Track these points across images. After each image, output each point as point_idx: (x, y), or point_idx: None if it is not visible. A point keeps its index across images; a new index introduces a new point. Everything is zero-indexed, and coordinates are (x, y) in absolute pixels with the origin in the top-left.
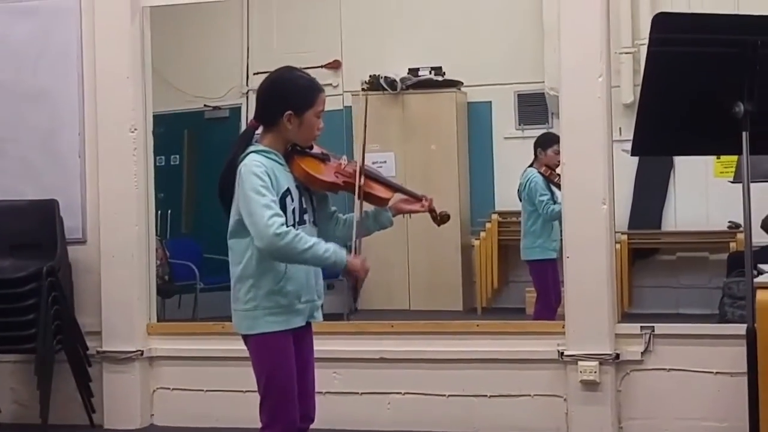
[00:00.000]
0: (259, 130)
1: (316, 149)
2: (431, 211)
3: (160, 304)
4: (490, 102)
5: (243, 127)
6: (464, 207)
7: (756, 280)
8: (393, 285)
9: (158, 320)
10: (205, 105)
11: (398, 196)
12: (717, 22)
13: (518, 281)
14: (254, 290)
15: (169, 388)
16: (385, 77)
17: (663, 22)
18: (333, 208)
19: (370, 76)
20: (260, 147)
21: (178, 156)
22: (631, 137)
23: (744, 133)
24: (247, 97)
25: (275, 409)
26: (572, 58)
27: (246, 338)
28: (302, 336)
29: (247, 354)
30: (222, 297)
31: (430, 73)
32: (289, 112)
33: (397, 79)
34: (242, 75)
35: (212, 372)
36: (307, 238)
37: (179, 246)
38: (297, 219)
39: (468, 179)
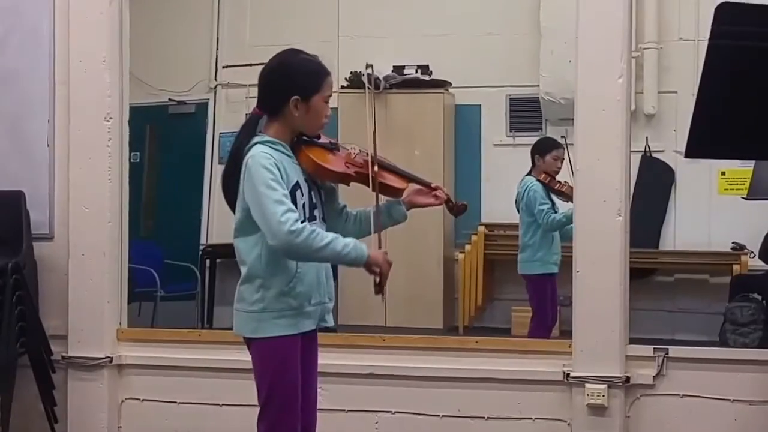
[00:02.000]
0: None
1: (324, 139)
2: (447, 201)
3: None
4: (480, 105)
5: (209, 123)
6: (448, 218)
7: None
8: (369, 300)
9: None
10: (169, 99)
11: (412, 186)
12: None
13: (504, 299)
14: (263, 291)
15: (138, 399)
16: (368, 74)
17: (728, 13)
18: (342, 203)
19: (351, 72)
20: (266, 137)
21: (138, 153)
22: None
23: None
24: (215, 92)
25: (276, 421)
26: (590, 57)
27: (249, 342)
28: (309, 342)
29: (225, 365)
30: (184, 307)
31: (417, 71)
32: (296, 97)
33: (381, 77)
34: (210, 68)
35: (186, 383)
36: (324, 234)
37: (138, 250)
38: (307, 215)
39: (453, 188)
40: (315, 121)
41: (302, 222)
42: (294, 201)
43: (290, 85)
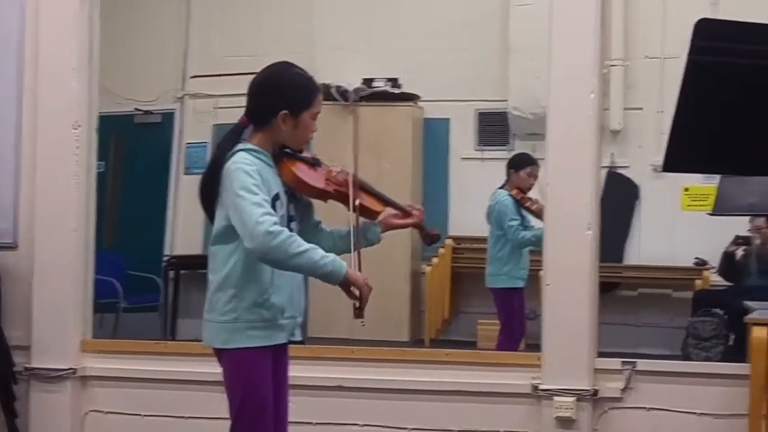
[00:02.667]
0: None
1: (306, 154)
2: (421, 228)
3: None
4: (449, 119)
5: (176, 134)
6: (415, 231)
7: (748, 316)
8: (335, 312)
9: None
10: (136, 108)
11: (389, 210)
12: (764, 32)
13: (470, 312)
14: (236, 301)
15: (102, 411)
16: (337, 87)
17: (707, 29)
18: (318, 219)
19: (321, 84)
20: (249, 146)
21: (103, 162)
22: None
23: None
24: (182, 102)
25: None
26: (562, 72)
27: (220, 353)
28: (280, 355)
29: (191, 378)
30: (147, 318)
31: (386, 84)
32: (285, 111)
33: (350, 90)
34: (178, 78)
35: (151, 395)
36: (302, 242)
37: (101, 260)
38: (285, 227)
39: (422, 201)
40: (301, 136)
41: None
42: (273, 211)
43: (281, 98)
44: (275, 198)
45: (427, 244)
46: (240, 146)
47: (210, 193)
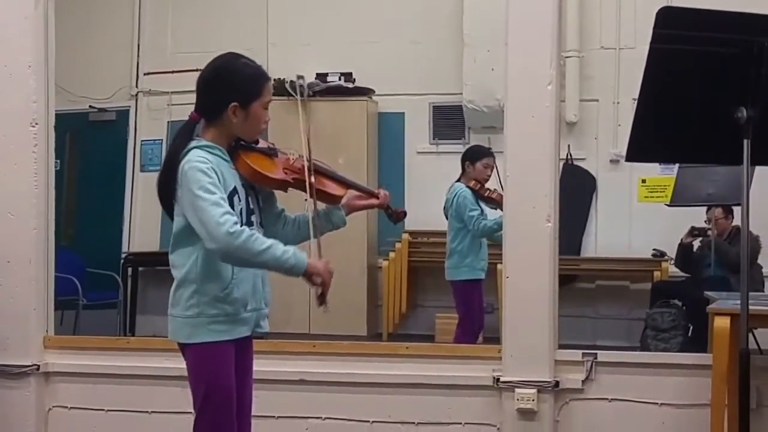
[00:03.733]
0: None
1: (262, 143)
2: (387, 207)
3: None
4: (403, 113)
5: (131, 131)
6: (372, 225)
7: (710, 306)
8: (292, 306)
9: None
10: (90, 106)
11: (351, 193)
12: (723, 20)
13: (428, 306)
14: (197, 296)
15: (66, 407)
16: (291, 81)
17: (667, 17)
18: (280, 207)
19: (275, 79)
20: (203, 142)
21: (59, 160)
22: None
23: (745, 141)
24: (136, 100)
25: (213, 427)
26: (519, 64)
27: (184, 347)
28: (243, 348)
29: (154, 373)
30: (106, 315)
31: (340, 79)
32: (234, 103)
33: (305, 85)
34: (131, 75)
35: (114, 390)
36: (264, 239)
37: (60, 258)
38: (244, 221)
39: None
40: (253, 127)
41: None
42: (231, 207)
43: (229, 90)
44: (233, 193)
45: (394, 223)
46: (194, 143)
47: (167, 191)
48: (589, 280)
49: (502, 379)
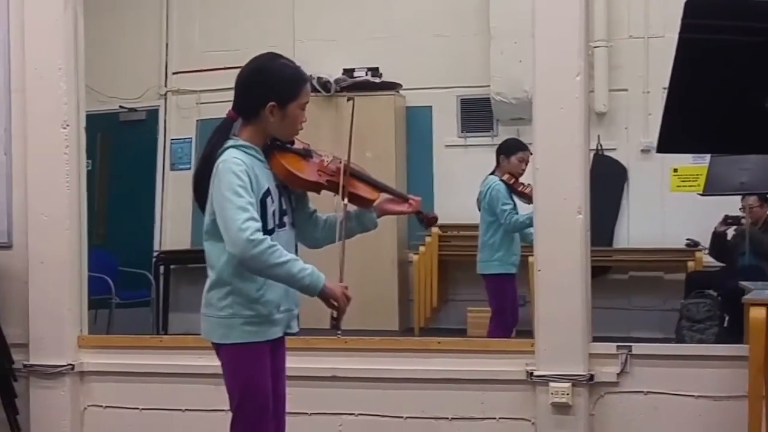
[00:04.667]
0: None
1: (298, 144)
2: (418, 212)
3: None
4: (431, 107)
5: (161, 130)
6: (401, 220)
7: (746, 297)
8: (321, 303)
9: None
10: (120, 106)
11: (384, 196)
12: (752, 9)
13: (459, 300)
14: (232, 297)
15: (101, 406)
16: (318, 78)
17: (696, 7)
18: (312, 208)
19: None
20: (240, 141)
21: (90, 161)
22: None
23: None
24: (165, 99)
25: (249, 428)
26: (547, 55)
27: (218, 347)
28: (276, 349)
29: (187, 371)
30: (139, 314)
31: (367, 74)
32: (272, 103)
33: (331, 80)
34: (160, 75)
35: (148, 389)
36: (283, 252)
37: (92, 258)
38: (277, 221)
39: (406, 190)
40: (290, 127)
41: (266, 233)
42: (264, 208)
43: (267, 90)
44: (266, 194)
45: (426, 228)
46: (230, 142)
47: (203, 188)
48: (622, 272)
49: (535, 373)
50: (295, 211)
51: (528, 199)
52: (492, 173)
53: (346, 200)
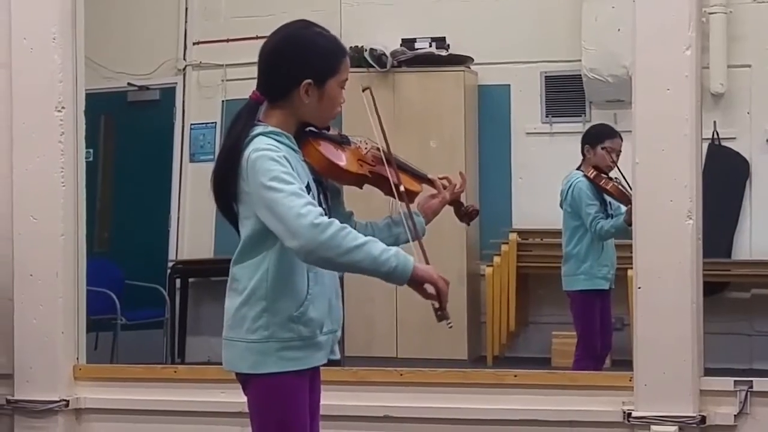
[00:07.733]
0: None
1: (332, 130)
2: (456, 202)
3: None
4: (509, 86)
5: (178, 113)
6: (472, 224)
7: None
8: (375, 326)
9: None
10: (129, 84)
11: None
12: None
13: (542, 323)
14: (267, 316)
15: None
16: (371, 50)
17: None
18: (349, 210)
19: (351, 48)
20: (270, 128)
21: (92, 150)
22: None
23: None
24: (184, 75)
25: None
26: (651, 23)
27: (247, 379)
28: (313, 378)
29: (206, 408)
30: (150, 337)
31: (431, 45)
32: (308, 80)
33: (387, 53)
34: (178, 46)
35: (156, 429)
36: (358, 234)
37: (93, 269)
38: None
39: (477, 187)
40: (328, 110)
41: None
42: None
43: (301, 65)
44: (306, 189)
45: (467, 224)
46: (259, 129)
47: (225, 188)
48: (742, 289)
49: (634, 414)
50: (332, 210)
51: (622, 198)
52: (578, 168)
53: (398, 198)
